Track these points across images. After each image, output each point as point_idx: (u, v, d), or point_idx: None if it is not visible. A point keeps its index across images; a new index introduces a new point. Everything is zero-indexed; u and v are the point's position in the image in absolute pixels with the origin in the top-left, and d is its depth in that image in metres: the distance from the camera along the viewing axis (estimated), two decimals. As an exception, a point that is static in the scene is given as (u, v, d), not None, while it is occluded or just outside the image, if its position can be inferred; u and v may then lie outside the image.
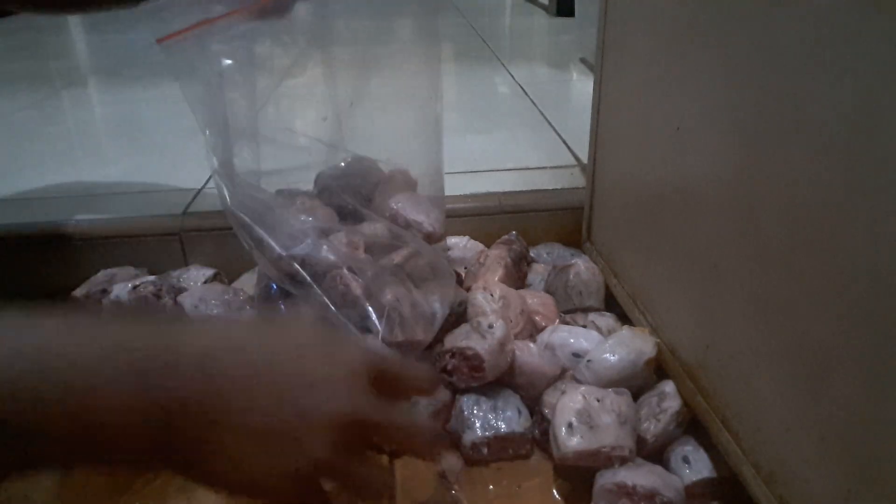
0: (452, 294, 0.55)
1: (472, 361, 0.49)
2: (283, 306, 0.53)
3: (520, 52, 1.67)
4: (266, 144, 0.54)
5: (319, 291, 0.50)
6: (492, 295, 0.57)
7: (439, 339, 0.55)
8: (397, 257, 0.55)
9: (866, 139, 0.29)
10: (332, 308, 0.51)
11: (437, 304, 0.53)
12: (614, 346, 0.50)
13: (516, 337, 0.54)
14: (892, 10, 0.27)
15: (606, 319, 0.59)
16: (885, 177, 0.28)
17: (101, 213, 0.74)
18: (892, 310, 0.28)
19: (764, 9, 0.35)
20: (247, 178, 0.53)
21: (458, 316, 0.57)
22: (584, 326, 0.58)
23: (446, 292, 0.54)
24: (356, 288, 0.51)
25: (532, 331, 0.57)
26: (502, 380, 0.52)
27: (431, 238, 0.59)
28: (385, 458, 0.44)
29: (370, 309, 0.51)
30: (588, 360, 0.50)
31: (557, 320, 0.59)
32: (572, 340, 0.54)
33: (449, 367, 0.50)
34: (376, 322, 0.50)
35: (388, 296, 0.51)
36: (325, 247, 0.52)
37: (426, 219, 0.58)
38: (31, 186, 0.82)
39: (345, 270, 0.52)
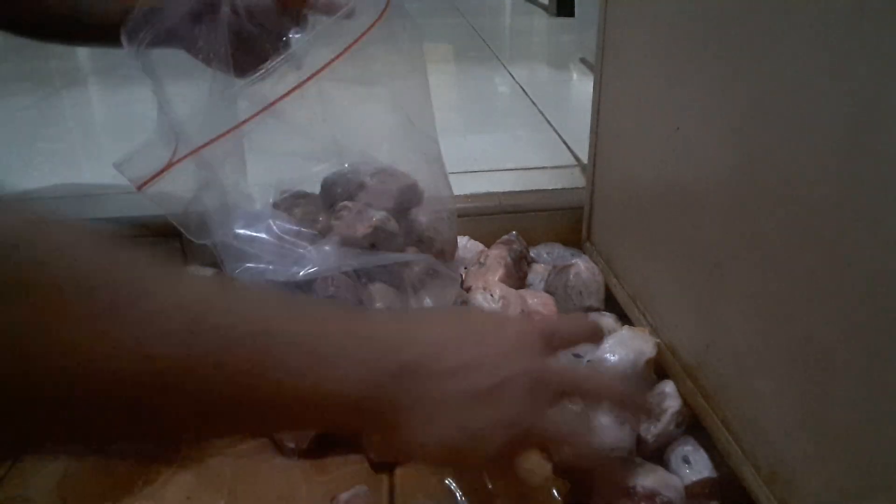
0: (451, 302, 0.54)
1: None
2: None
3: (520, 52, 1.67)
4: (257, 163, 0.54)
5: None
6: (492, 295, 0.57)
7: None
8: (397, 259, 0.54)
9: (866, 139, 0.29)
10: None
11: None
12: (614, 347, 0.50)
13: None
14: (893, 9, 0.27)
15: (607, 319, 0.59)
16: (885, 176, 0.28)
17: (101, 213, 0.74)
18: (893, 309, 0.28)
19: (764, 9, 0.35)
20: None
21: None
22: (584, 327, 0.58)
23: (445, 300, 0.54)
24: (345, 292, 0.51)
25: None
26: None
27: (443, 255, 0.58)
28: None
29: None
30: (588, 361, 0.50)
31: (558, 320, 0.59)
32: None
33: None
34: None
35: (378, 303, 0.50)
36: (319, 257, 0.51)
37: (439, 236, 0.57)
38: (31, 186, 0.82)
39: (335, 274, 0.51)
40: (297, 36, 0.51)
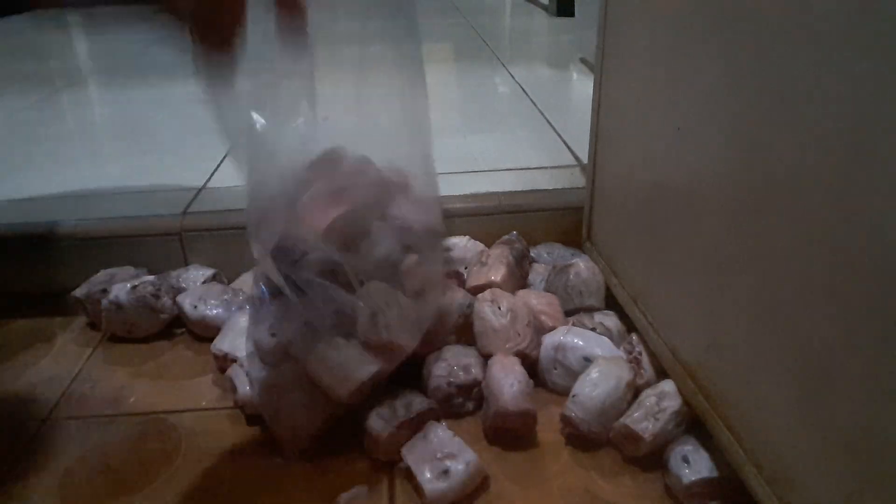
0: (437, 304, 0.55)
1: None
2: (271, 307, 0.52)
3: (520, 52, 1.67)
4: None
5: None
6: (499, 308, 0.56)
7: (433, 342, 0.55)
8: (396, 260, 0.54)
9: (867, 138, 0.29)
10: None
11: (426, 313, 0.53)
12: (595, 380, 0.51)
13: (524, 350, 0.55)
14: (893, 9, 0.27)
15: (612, 319, 0.59)
16: (886, 176, 0.28)
17: (101, 213, 0.74)
18: (894, 310, 0.28)
19: (764, 8, 0.35)
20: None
21: (465, 318, 0.57)
22: (594, 329, 0.58)
23: (434, 301, 0.54)
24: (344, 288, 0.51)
25: (538, 342, 0.57)
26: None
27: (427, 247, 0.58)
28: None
29: (356, 309, 0.51)
30: (574, 395, 0.50)
31: (571, 322, 0.59)
32: (582, 343, 0.55)
33: None
34: (360, 321, 0.50)
35: (377, 299, 0.50)
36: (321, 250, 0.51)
37: (424, 224, 0.57)
38: (31, 186, 0.82)
39: (334, 269, 0.51)
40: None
